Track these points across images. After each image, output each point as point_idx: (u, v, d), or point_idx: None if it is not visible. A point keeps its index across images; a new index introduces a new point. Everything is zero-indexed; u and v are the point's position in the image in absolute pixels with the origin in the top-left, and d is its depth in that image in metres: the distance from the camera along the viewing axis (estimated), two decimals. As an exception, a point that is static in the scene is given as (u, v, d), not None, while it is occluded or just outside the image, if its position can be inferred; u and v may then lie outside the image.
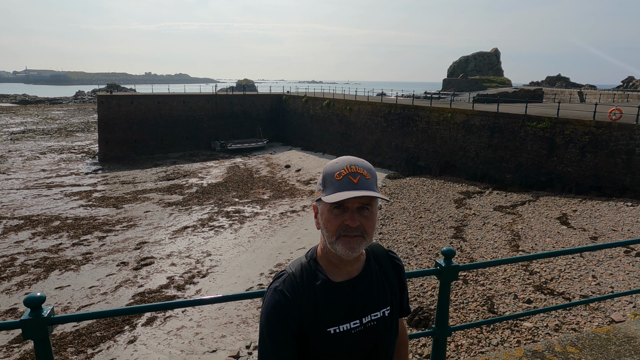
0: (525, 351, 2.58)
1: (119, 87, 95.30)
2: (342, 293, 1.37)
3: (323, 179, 1.34)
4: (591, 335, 2.81)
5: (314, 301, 1.33)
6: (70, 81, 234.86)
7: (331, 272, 1.38)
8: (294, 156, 33.45)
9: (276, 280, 1.39)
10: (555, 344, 2.66)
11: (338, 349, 1.33)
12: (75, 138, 44.45)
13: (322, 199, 1.30)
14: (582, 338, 2.76)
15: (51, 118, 62.42)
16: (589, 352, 2.59)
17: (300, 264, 1.42)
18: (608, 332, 2.85)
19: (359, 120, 30.81)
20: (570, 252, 2.63)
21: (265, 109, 40.21)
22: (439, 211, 17.86)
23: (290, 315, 1.30)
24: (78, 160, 33.22)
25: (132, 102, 34.43)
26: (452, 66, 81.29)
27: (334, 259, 1.37)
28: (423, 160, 25.65)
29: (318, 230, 1.39)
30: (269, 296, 1.34)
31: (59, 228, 17.77)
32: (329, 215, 1.31)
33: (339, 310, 1.35)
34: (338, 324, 1.34)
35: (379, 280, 1.46)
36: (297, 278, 1.36)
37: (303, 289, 1.34)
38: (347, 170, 1.30)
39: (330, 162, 1.37)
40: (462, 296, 10.85)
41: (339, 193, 1.27)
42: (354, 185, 1.28)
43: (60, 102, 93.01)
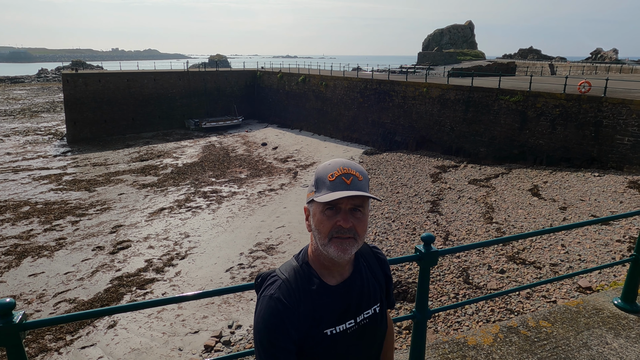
0: (501, 327, 2.68)
1: (85, 65, 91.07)
2: (337, 296, 1.37)
3: (316, 181, 1.33)
4: (562, 308, 2.94)
5: (311, 306, 1.32)
6: (32, 58, 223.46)
7: (325, 275, 1.37)
8: (270, 134, 33.10)
9: (270, 287, 1.34)
10: (529, 319, 2.77)
11: (334, 349, 1.35)
12: (41, 119, 42.62)
13: (315, 199, 1.29)
14: (554, 312, 2.88)
15: (13, 98, 59.49)
16: (560, 325, 2.71)
17: (293, 268, 1.38)
18: (578, 305, 2.98)
19: (335, 96, 30.59)
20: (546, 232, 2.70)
21: (240, 86, 39.38)
22: (416, 186, 18.13)
23: (291, 323, 1.28)
24: (45, 142, 31.95)
25: (99, 81, 33.09)
26: (427, 39, 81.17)
27: (326, 261, 1.36)
28: (399, 136, 25.81)
29: (309, 232, 1.38)
30: (265, 304, 1.31)
31: (29, 213, 17.21)
32: (321, 217, 1.30)
33: (335, 312, 1.36)
34: (335, 326, 1.35)
35: (368, 278, 1.47)
36: (292, 284, 1.34)
37: (299, 294, 1.32)
38: (340, 171, 1.30)
39: (323, 164, 1.35)
40: (438, 269, 11.15)
41: (332, 193, 1.26)
42: (347, 185, 1.28)
43: (22, 81, 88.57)
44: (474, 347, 2.49)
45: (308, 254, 1.41)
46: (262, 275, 1.44)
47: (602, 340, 2.56)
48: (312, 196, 1.32)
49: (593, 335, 2.60)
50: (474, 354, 2.43)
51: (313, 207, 1.33)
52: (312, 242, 1.39)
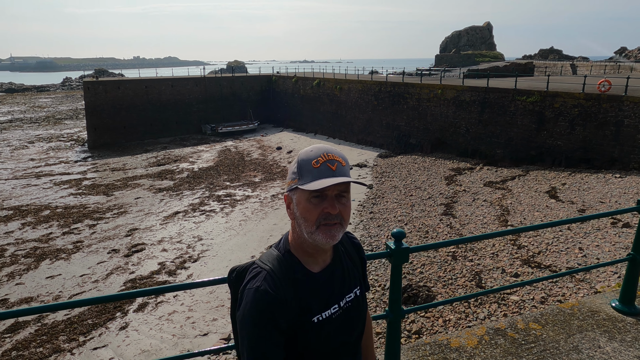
0: (488, 329, 2.58)
1: (107, 72, 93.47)
2: (322, 282, 1.36)
3: (299, 168, 1.29)
4: (555, 310, 2.81)
5: (298, 295, 1.31)
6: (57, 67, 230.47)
7: (308, 263, 1.36)
8: (285, 138, 33.24)
9: (254, 279, 1.30)
10: (518, 321, 2.66)
11: (321, 335, 1.34)
12: (64, 126, 43.87)
13: (301, 187, 1.27)
14: (545, 314, 2.75)
15: (39, 106, 61.48)
16: (551, 328, 2.59)
17: (276, 258, 1.35)
18: (573, 307, 2.85)
19: (350, 99, 30.54)
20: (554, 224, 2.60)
21: (256, 91, 39.71)
22: (430, 188, 17.89)
23: (280, 314, 1.26)
24: (67, 148, 32.84)
25: (119, 87, 33.86)
26: (445, 42, 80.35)
27: (310, 249, 1.35)
28: (414, 138, 25.56)
29: (292, 220, 1.36)
30: (252, 297, 1.26)
31: (49, 217, 17.66)
32: (308, 205, 1.28)
33: (321, 299, 1.35)
34: (321, 312, 1.34)
35: (347, 262, 1.48)
36: (277, 274, 1.30)
37: (286, 284, 1.29)
38: (324, 157, 1.28)
39: (304, 151, 1.32)
40: (450, 272, 10.95)
41: (321, 180, 1.25)
42: (333, 172, 1.27)
43: (47, 90, 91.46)
44: (456, 350, 2.39)
45: (289, 243, 1.39)
46: (238, 270, 1.41)
47: (594, 343, 2.43)
48: (295, 184, 1.30)
49: (585, 339, 2.46)
50: (456, 357, 2.33)
51: (297, 195, 1.30)
52: (295, 230, 1.36)
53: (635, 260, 2.73)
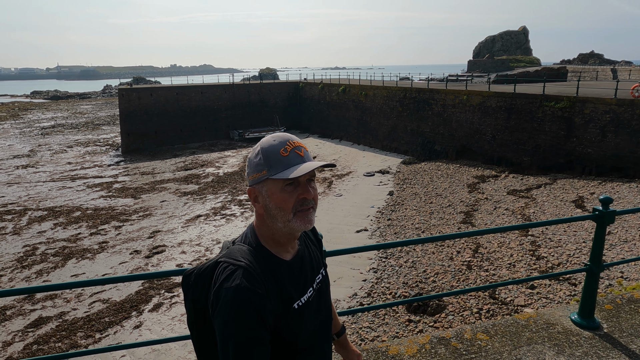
0: (432, 338, 2.51)
1: (144, 80, 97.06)
2: (296, 269, 1.37)
3: (266, 159, 1.26)
4: (509, 321, 2.70)
5: (279, 286, 1.29)
6: (99, 76, 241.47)
7: (280, 252, 1.35)
8: (310, 143, 33.42)
9: (230, 278, 1.22)
10: (466, 330, 2.58)
11: (302, 320, 1.34)
12: (101, 131, 45.82)
13: (274, 177, 1.25)
14: (497, 325, 2.65)
15: (80, 112, 64.54)
16: (498, 339, 2.49)
17: (248, 252, 1.30)
18: (529, 318, 2.73)
19: (375, 106, 30.42)
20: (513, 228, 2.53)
21: (283, 97, 40.22)
22: (451, 196, 17.53)
23: (265, 310, 1.22)
24: (102, 152, 34.30)
25: (151, 94, 35.11)
26: (478, 47, 78.70)
27: (282, 238, 1.33)
28: (439, 145, 25.15)
29: (260, 213, 1.33)
30: (232, 296, 1.19)
31: (79, 218, 18.48)
32: (282, 194, 1.26)
33: (298, 285, 1.35)
34: (300, 298, 1.34)
35: (310, 245, 1.51)
36: (255, 268, 1.25)
37: (266, 277, 1.26)
38: (290, 145, 1.28)
39: (266, 142, 1.30)
40: (464, 282, 10.68)
41: (297, 167, 1.24)
42: (302, 158, 1.28)
43: (89, 97, 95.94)
44: (392, 357, 2.34)
45: (257, 236, 1.36)
46: (197, 271, 1.33)
47: (539, 357, 2.30)
48: (264, 175, 1.27)
49: (531, 352, 2.34)
50: (389, 365, 2.29)
51: (267, 187, 1.28)
52: (265, 222, 1.33)
53: (591, 272, 2.59)
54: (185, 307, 1.39)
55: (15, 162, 31.06)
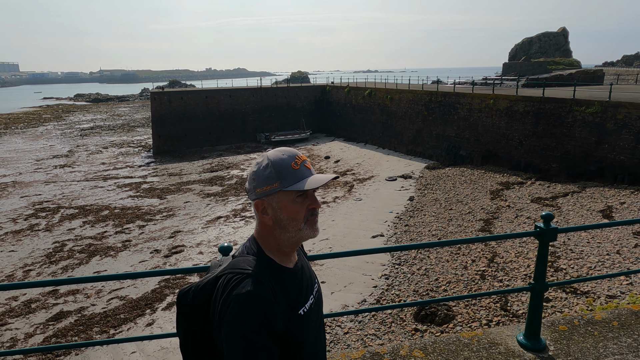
0: (366, 352, 2.45)
1: (180, 83, 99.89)
2: (298, 277, 1.40)
3: (278, 172, 1.30)
4: (452, 339, 2.61)
5: (285, 294, 1.32)
6: (139, 79, 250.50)
7: (284, 261, 1.39)
8: (335, 147, 33.45)
9: (239, 285, 1.24)
10: (404, 347, 2.50)
11: (306, 326, 1.37)
12: (136, 133, 47.52)
13: (288, 189, 1.28)
14: (437, 342, 2.55)
15: (117, 114, 67.19)
16: (435, 357, 2.41)
17: (255, 261, 1.32)
18: (474, 337, 2.62)
19: (400, 109, 30.10)
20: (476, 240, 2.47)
21: (309, 101, 40.45)
22: (472, 203, 17.10)
23: (276, 317, 1.25)
24: (135, 153, 35.58)
25: (181, 98, 36.14)
26: (514, 49, 76.36)
27: (287, 248, 1.37)
28: (464, 150, 24.60)
29: (267, 225, 1.34)
30: (243, 302, 1.20)
31: (107, 217, 19.23)
32: (295, 205, 1.31)
33: (302, 293, 1.38)
34: (304, 304, 1.38)
35: (302, 255, 1.55)
36: (263, 276, 1.28)
37: (272, 285, 1.29)
38: (299, 159, 1.33)
39: (275, 156, 1.33)
40: (476, 292, 10.38)
41: (310, 179, 1.30)
42: (310, 171, 1.34)
43: (127, 99, 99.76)
44: None
45: (261, 247, 1.37)
46: (194, 288, 1.34)
47: None
48: (276, 188, 1.29)
49: None
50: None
51: (279, 199, 1.31)
52: (272, 234, 1.35)
53: (535, 291, 2.46)
54: (178, 329, 1.40)
55: (54, 161, 32.68)
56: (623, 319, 2.72)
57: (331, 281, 12.26)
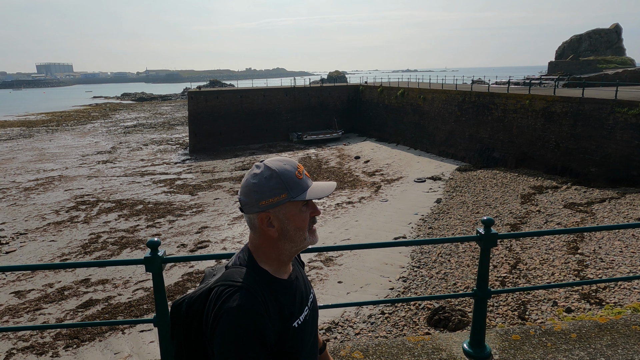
0: None
1: (220, 83, 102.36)
2: (292, 288, 1.39)
3: (284, 183, 1.28)
4: (397, 342, 2.56)
5: (278, 306, 1.30)
6: (182, 79, 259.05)
7: (279, 273, 1.37)
8: (366, 147, 33.27)
9: (230, 299, 1.22)
10: (346, 347, 2.49)
11: (300, 337, 1.35)
12: (175, 131, 49.20)
13: (296, 199, 1.28)
14: (381, 344, 2.52)
15: (159, 113, 69.85)
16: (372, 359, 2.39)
17: (247, 274, 1.30)
18: (420, 341, 2.57)
19: (433, 110, 29.54)
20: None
21: (342, 100, 40.44)
22: (500, 207, 16.55)
23: (268, 330, 1.23)
24: (172, 151, 36.87)
25: (217, 97, 37.11)
26: (562, 47, 72.87)
27: (287, 258, 1.36)
28: (498, 152, 23.83)
29: (271, 236, 1.31)
30: (233, 316, 1.19)
31: (140, 211, 20.08)
32: (301, 215, 1.31)
33: (296, 304, 1.37)
34: (298, 316, 1.36)
35: (297, 265, 1.54)
36: (256, 289, 1.26)
37: (266, 298, 1.27)
38: (300, 169, 1.33)
39: (279, 166, 1.31)
40: (494, 299, 10.09)
41: (316, 188, 1.32)
42: (310, 180, 1.36)
43: (169, 99, 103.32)
44: None
45: (254, 259, 1.35)
46: (188, 300, 1.33)
47: None
48: (284, 199, 1.28)
49: None
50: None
51: (286, 209, 1.29)
52: (275, 244, 1.33)
53: (477, 297, 2.38)
54: (172, 341, 1.38)
55: (98, 157, 34.45)
56: (584, 332, 2.59)
57: (348, 281, 12.26)
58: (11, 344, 10.08)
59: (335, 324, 10.14)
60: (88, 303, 11.87)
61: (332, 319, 10.37)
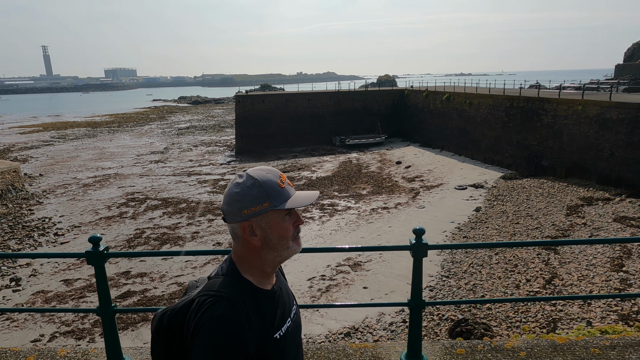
0: None
1: (270, 87, 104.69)
2: (275, 299, 1.38)
3: (267, 191, 1.28)
4: (339, 347, 2.53)
5: (261, 316, 1.29)
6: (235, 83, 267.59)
7: (262, 283, 1.35)
8: (409, 152, 32.76)
9: (211, 309, 1.21)
10: None
11: (281, 350, 1.34)
12: (224, 133, 50.96)
13: (279, 208, 1.28)
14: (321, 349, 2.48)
15: (211, 116, 72.58)
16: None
17: (229, 284, 1.29)
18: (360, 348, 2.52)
19: (479, 115, 28.57)
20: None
21: (387, 105, 40.09)
22: (542, 218, 15.72)
23: (249, 341, 1.21)
24: (219, 152, 38.25)
25: (263, 101, 38.07)
26: (631, 49, 67.89)
27: (271, 268, 1.35)
28: (547, 160, 22.63)
29: (254, 246, 1.30)
30: (214, 326, 1.18)
31: (183, 210, 21.04)
32: (284, 224, 1.31)
33: (277, 315, 1.36)
34: (280, 328, 1.35)
35: (281, 276, 1.52)
36: (237, 299, 1.25)
37: (247, 308, 1.25)
38: (282, 177, 1.33)
39: (261, 175, 1.30)
40: (523, 314, 9.62)
41: (298, 197, 1.33)
42: (293, 189, 1.35)
43: (222, 102, 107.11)
44: None
45: (237, 269, 1.34)
46: (170, 312, 1.32)
47: None
48: (267, 207, 1.27)
49: None
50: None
51: (269, 219, 1.29)
52: (258, 254, 1.32)
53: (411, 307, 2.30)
54: (152, 353, 1.36)
55: (151, 157, 36.44)
56: (535, 351, 2.44)
57: (373, 287, 12.17)
58: (55, 327, 10.96)
59: (355, 330, 10.12)
60: (126, 294, 12.64)
61: (352, 324, 10.36)
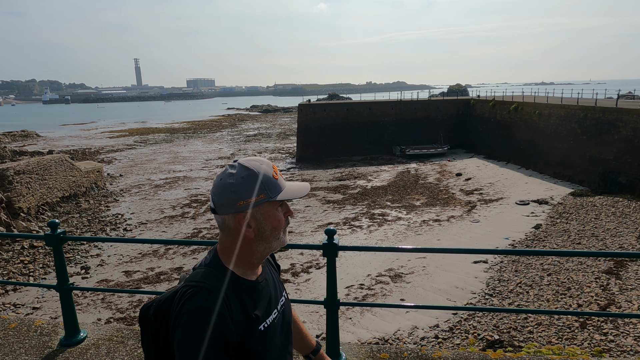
0: None
1: (337, 97, 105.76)
2: (261, 290, 1.36)
3: (262, 184, 1.27)
4: None
5: (244, 307, 1.27)
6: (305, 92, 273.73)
7: (247, 274, 1.34)
8: (471, 164, 31.46)
9: (191, 300, 1.20)
10: None
11: (267, 342, 1.32)
12: (288, 141, 52.46)
13: (276, 199, 1.28)
14: None
15: (279, 124, 75.03)
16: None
17: (212, 275, 1.27)
18: None
19: (549, 127, 26.75)
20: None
21: (450, 115, 38.89)
22: (609, 239, 14.34)
23: (229, 331, 1.19)
24: (281, 159, 39.47)
25: (324, 110, 38.73)
26: None
27: (259, 260, 1.35)
28: (624, 177, 20.61)
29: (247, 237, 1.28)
30: (193, 317, 1.17)
31: (239, 212, 22.02)
32: (277, 214, 1.31)
33: (263, 307, 1.34)
34: (265, 319, 1.33)
35: (270, 267, 1.52)
36: (218, 290, 1.22)
37: (229, 299, 1.23)
38: (275, 169, 1.33)
39: (255, 166, 1.29)
40: (566, 340, 8.88)
41: (293, 188, 1.34)
42: (284, 181, 1.34)
43: (290, 111, 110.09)
44: None
45: (220, 260, 1.32)
46: (156, 304, 1.32)
47: None
48: (263, 199, 1.27)
49: None
50: None
51: (264, 210, 1.29)
52: (250, 246, 1.32)
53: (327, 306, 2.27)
54: (142, 345, 1.36)
55: (218, 162, 38.56)
56: None
57: (410, 301, 11.92)
58: (110, 313, 12.06)
59: (384, 341, 9.99)
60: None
61: (383, 335, 10.24)
